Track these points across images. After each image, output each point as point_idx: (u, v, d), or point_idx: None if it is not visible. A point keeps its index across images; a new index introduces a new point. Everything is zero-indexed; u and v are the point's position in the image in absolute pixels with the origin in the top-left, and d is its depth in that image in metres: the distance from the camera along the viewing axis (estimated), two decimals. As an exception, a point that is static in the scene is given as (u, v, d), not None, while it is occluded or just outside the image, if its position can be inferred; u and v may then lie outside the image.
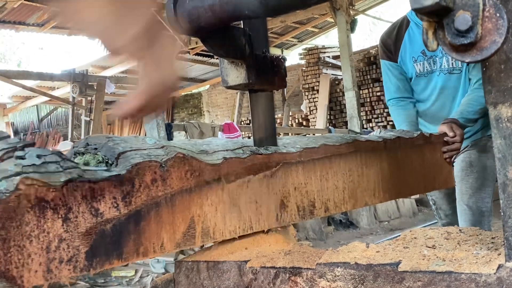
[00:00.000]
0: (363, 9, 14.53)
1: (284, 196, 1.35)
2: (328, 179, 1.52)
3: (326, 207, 1.51)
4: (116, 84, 11.61)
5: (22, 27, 10.41)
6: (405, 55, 2.59)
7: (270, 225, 1.30)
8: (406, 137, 1.93)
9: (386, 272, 0.98)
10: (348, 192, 1.60)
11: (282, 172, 1.35)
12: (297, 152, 1.40)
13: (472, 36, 0.76)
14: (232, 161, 1.19)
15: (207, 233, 1.13)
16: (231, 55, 1.29)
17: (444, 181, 2.18)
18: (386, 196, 1.78)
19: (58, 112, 17.67)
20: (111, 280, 5.11)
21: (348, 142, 1.60)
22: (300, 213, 1.40)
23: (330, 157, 1.52)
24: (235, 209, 1.21)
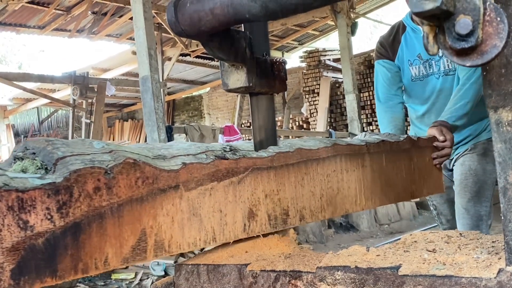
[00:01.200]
0: (364, 12, 14.55)
1: (253, 205, 1.26)
2: (303, 185, 1.42)
3: (301, 215, 1.41)
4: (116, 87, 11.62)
5: (23, 29, 10.44)
6: (402, 59, 2.58)
7: (236, 236, 1.23)
8: (391, 140, 1.85)
9: (386, 276, 0.98)
10: (326, 199, 1.51)
11: (252, 178, 1.26)
12: (269, 156, 1.32)
13: (472, 40, 0.76)
14: (192, 166, 1.11)
15: (161, 246, 1.04)
16: (232, 58, 1.29)
17: (433, 186, 2.11)
18: (368, 203, 1.70)
19: (59, 114, 17.68)
20: (111, 283, 5.11)
21: (327, 146, 1.53)
22: (271, 223, 1.31)
23: (306, 162, 1.43)
24: (196, 219, 1.12)
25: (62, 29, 10.93)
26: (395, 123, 2.54)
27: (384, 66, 2.62)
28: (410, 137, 1.96)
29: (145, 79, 6.03)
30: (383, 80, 2.62)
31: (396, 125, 2.52)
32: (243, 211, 1.24)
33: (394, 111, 2.58)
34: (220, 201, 1.18)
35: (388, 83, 2.61)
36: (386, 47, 2.63)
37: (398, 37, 2.60)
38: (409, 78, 2.57)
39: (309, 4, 1.01)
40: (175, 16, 1.15)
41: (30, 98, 14.03)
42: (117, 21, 10.99)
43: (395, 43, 2.59)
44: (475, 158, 2.52)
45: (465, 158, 2.54)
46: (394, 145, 1.85)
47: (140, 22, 6.02)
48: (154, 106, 5.99)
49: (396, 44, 2.59)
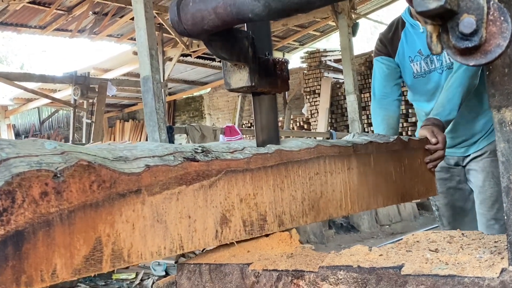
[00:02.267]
0: (365, 12, 14.55)
1: (226, 210, 1.20)
2: (283, 189, 1.36)
3: (280, 220, 1.35)
4: (117, 87, 11.63)
5: (24, 29, 10.45)
6: (402, 55, 2.50)
7: (207, 244, 1.16)
8: (380, 141, 1.78)
9: (389, 276, 0.98)
10: (308, 204, 1.44)
11: (225, 181, 1.19)
12: (245, 158, 1.25)
13: (476, 39, 0.76)
14: (157, 169, 1.03)
15: (120, 256, 0.95)
16: (234, 58, 1.29)
17: (425, 189, 2.04)
18: (355, 207, 1.63)
19: (60, 115, 17.70)
20: (111, 283, 5.11)
21: (310, 147, 1.46)
22: (246, 229, 1.25)
23: (286, 164, 1.36)
24: (160, 226, 1.04)
25: (63, 29, 10.94)
26: (388, 121, 2.49)
27: (382, 62, 2.56)
28: (400, 138, 1.90)
29: (146, 79, 6.03)
30: (380, 76, 2.56)
31: (389, 124, 2.47)
32: (215, 217, 1.17)
33: (388, 109, 2.52)
34: (189, 206, 1.11)
35: (385, 79, 2.54)
36: (385, 44, 2.56)
37: (397, 33, 2.53)
38: (411, 75, 2.50)
39: (312, 3, 1.01)
40: (178, 16, 1.15)
41: (31, 98, 14.04)
42: (118, 22, 11.00)
43: (395, 39, 2.53)
44: (494, 163, 2.41)
45: (485, 163, 2.44)
46: (383, 146, 1.79)
47: (141, 23, 6.03)
48: (155, 106, 5.99)
49: (396, 40, 2.53)
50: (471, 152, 2.48)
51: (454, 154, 2.49)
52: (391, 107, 2.53)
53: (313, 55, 13.39)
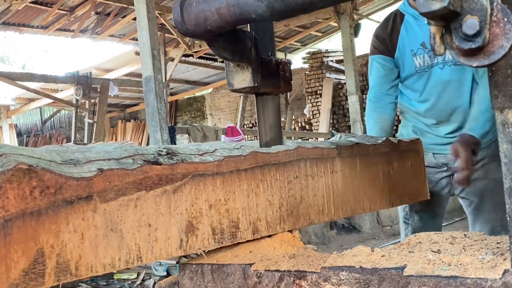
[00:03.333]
0: (367, 13, 14.56)
1: (193, 217, 1.12)
2: (258, 194, 1.28)
3: (255, 228, 1.27)
4: (119, 87, 11.64)
5: (26, 29, 10.46)
6: (403, 49, 2.37)
7: (170, 254, 1.07)
8: (367, 143, 1.71)
9: (391, 276, 0.98)
10: (286, 209, 1.36)
11: (192, 186, 1.12)
12: (215, 161, 1.18)
13: (479, 40, 0.76)
14: (111, 173, 0.95)
15: (66, 269, 0.87)
16: (237, 58, 1.30)
17: (416, 193, 1.96)
18: (338, 212, 1.55)
19: (62, 115, 17.72)
20: (113, 283, 5.11)
21: (289, 149, 1.39)
22: (216, 237, 1.18)
23: (262, 167, 1.29)
24: (115, 236, 0.95)
25: (65, 29, 10.96)
26: (381, 124, 2.40)
27: (379, 62, 2.44)
28: (389, 139, 1.82)
29: (148, 79, 6.04)
30: (376, 77, 2.45)
31: (383, 127, 2.39)
32: (180, 225, 1.09)
33: (383, 111, 2.43)
34: (149, 214, 1.03)
35: (381, 81, 2.44)
36: (383, 40, 2.43)
37: (396, 27, 2.39)
38: (412, 69, 2.37)
39: (315, 4, 1.01)
40: (181, 16, 1.15)
41: (33, 98, 14.06)
42: (120, 22, 11.01)
43: (394, 34, 2.39)
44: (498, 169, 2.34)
45: (488, 169, 2.38)
46: (371, 148, 1.71)
47: (143, 23, 6.03)
48: (157, 107, 6.00)
49: (395, 35, 2.39)
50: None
51: (446, 152, 2.36)
52: (386, 110, 2.44)
53: (315, 56, 13.39)
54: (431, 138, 2.40)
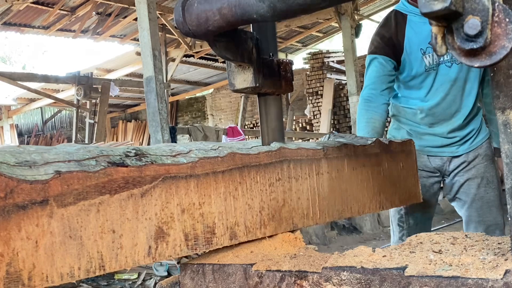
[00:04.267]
0: (368, 14, 14.55)
1: (163, 222, 1.06)
2: (237, 197, 1.23)
3: (232, 233, 1.22)
4: (120, 87, 11.65)
5: (27, 30, 10.47)
6: (411, 50, 2.34)
7: (137, 262, 1.01)
8: (356, 144, 1.65)
9: (392, 277, 0.98)
10: (267, 213, 1.31)
11: (163, 189, 1.06)
12: (189, 163, 1.12)
13: (481, 41, 0.77)
14: (70, 176, 0.89)
15: (18, 279, 0.81)
16: (238, 59, 1.30)
17: (408, 195, 1.89)
18: (324, 216, 1.49)
19: (63, 115, 17.73)
20: (114, 283, 5.11)
21: (271, 150, 1.33)
22: (189, 244, 1.11)
23: (241, 169, 1.24)
24: (74, 243, 0.89)
25: (66, 30, 10.96)
26: (374, 125, 2.35)
27: (379, 62, 2.40)
28: (379, 140, 1.76)
29: (149, 79, 6.04)
30: (373, 76, 2.41)
31: (375, 128, 2.34)
32: (148, 231, 1.03)
33: (376, 111, 2.38)
34: (114, 219, 0.96)
35: (377, 80, 2.40)
36: (387, 41, 2.39)
37: (400, 27, 2.37)
38: (422, 68, 2.34)
39: (316, 4, 1.01)
40: (183, 16, 1.16)
41: (34, 98, 14.07)
42: (122, 22, 11.01)
43: (399, 34, 2.36)
44: (489, 168, 2.41)
45: (479, 169, 2.40)
46: (360, 149, 1.65)
47: (144, 23, 6.04)
48: (158, 107, 6.01)
49: (400, 36, 2.36)
50: (460, 153, 2.41)
51: (442, 154, 2.42)
52: (379, 110, 2.39)
53: (316, 56, 13.39)
54: (428, 141, 2.40)
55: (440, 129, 2.38)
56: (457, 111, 2.34)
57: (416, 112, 2.42)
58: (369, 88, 2.42)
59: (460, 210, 2.51)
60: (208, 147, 1.21)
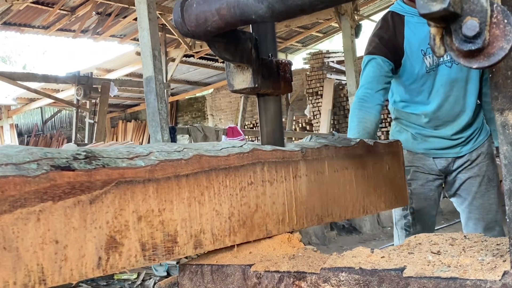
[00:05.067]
0: (368, 14, 14.56)
1: (116, 231, 0.97)
2: (203, 202, 1.15)
3: (197, 241, 1.14)
4: (120, 87, 11.65)
5: (27, 29, 10.47)
6: (411, 51, 2.31)
7: (85, 275, 0.93)
8: (338, 145, 1.57)
9: (390, 278, 0.98)
10: (238, 219, 1.23)
11: (116, 195, 0.97)
12: (147, 166, 1.04)
13: (479, 42, 0.76)
14: (5, 181, 0.81)
15: None
16: (237, 59, 1.29)
17: (395, 199, 1.82)
18: (302, 221, 1.41)
19: (62, 115, 17.73)
20: (113, 283, 5.12)
21: (242, 152, 1.25)
22: (146, 254, 1.03)
23: (208, 173, 1.16)
24: (8, 255, 0.82)
25: (66, 30, 10.97)
26: (365, 125, 2.29)
27: (377, 63, 2.34)
28: (363, 141, 1.70)
29: (149, 79, 6.04)
30: (369, 76, 2.36)
31: (366, 128, 2.27)
32: (98, 241, 0.94)
33: (369, 112, 2.32)
34: (57, 228, 0.87)
35: (374, 80, 2.35)
36: (387, 42, 2.35)
37: (399, 29, 2.33)
38: (423, 70, 2.31)
39: (315, 5, 1.01)
40: (182, 17, 1.15)
41: (34, 98, 14.08)
42: (121, 22, 11.02)
43: (398, 36, 2.33)
44: (491, 167, 2.43)
45: (482, 167, 2.41)
46: (342, 150, 1.57)
47: (144, 23, 6.04)
48: (157, 107, 6.01)
49: (400, 38, 2.33)
50: (464, 153, 2.42)
51: (447, 155, 2.43)
52: (372, 111, 2.32)
53: (316, 57, 13.40)
54: (434, 143, 2.40)
55: (446, 131, 2.38)
56: (461, 111, 2.34)
57: (420, 116, 2.40)
58: (365, 87, 2.36)
59: (459, 206, 2.52)
60: (172, 149, 1.13)
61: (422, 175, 2.42)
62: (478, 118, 2.42)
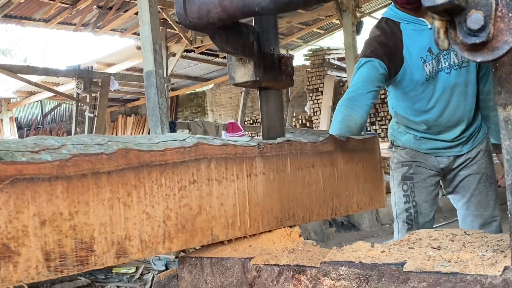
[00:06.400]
0: (370, 11, 14.52)
1: (11, 238, 0.83)
2: (130, 204, 1.00)
3: (121, 249, 0.98)
4: (120, 82, 11.63)
5: (28, 22, 10.44)
6: (411, 59, 2.26)
7: None
8: (304, 141, 1.44)
9: (391, 272, 0.98)
10: (175, 223, 1.09)
11: (11, 195, 0.83)
12: (56, 161, 0.90)
13: (484, 35, 0.76)
14: None
15: None
16: (239, 52, 1.29)
17: (369, 200, 1.69)
18: (257, 225, 1.29)
19: (62, 108, 17.71)
20: (111, 277, 5.12)
21: (184, 146, 1.12)
22: (51, 265, 0.89)
23: (138, 170, 1.02)
24: None
25: (67, 23, 10.93)
26: (349, 123, 2.14)
27: (373, 65, 2.25)
28: (333, 136, 1.57)
29: (149, 74, 6.03)
30: (363, 76, 2.27)
31: (349, 126, 2.13)
32: None
33: (355, 110, 2.19)
34: None
35: (367, 81, 2.25)
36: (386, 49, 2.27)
37: (397, 36, 2.28)
38: (423, 77, 2.26)
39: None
40: (184, 8, 1.15)
41: (33, 91, 14.06)
42: (122, 16, 10.99)
43: (398, 44, 2.27)
44: (489, 164, 2.45)
45: (481, 165, 2.43)
46: (308, 146, 1.43)
47: (145, 17, 6.02)
48: (158, 101, 5.99)
49: (399, 44, 2.27)
50: (464, 151, 2.43)
51: (448, 154, 2.44)
52: (359, 110, 2.20)
53: (316, 53, 13.38)
54: (436, 143, 2.42)
55: (448, 136, 2.40)
56: (462, 115, 2.34)
57: (420, 124, 2.38)
58: (356, 87, 2.27)
59: (457, 203, 2.55)
60: (94, 141, 1.00)
61: (424, 170, 2.44)
62: (477, 117, 2.43)
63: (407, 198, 2.46)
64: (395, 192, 2.47)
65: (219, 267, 1.20)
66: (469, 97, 2.34)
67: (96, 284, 4.76)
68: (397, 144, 2.50)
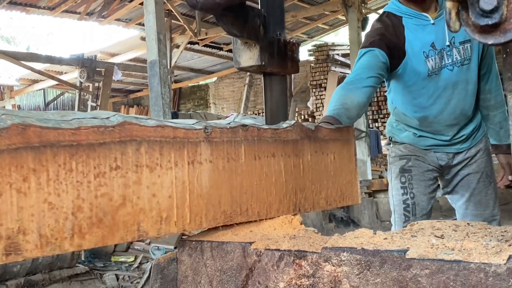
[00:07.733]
0: (376, 8, 14.47)
1: None
2: (26, 191, 0.84)
3: (11, 245, 0.83)
4: (123, 72, 11.62)
5: (32, 10, 10.41)
6: (413, 54, 2.22)
7: None
8: (264, 127, 1.27)
9: (393, 259, 0.97)
10: (89, 216, 0.93)
11: None
12: None
13: (496, 16, 0.75)
14: None
15: None
16: (245, 35, 1.28)
17: (340, 195, 1.53)
18: (200, 220, 1.13)
19: (65, 97, 17.71)
20: (110, 265, 5.12)
21: (106, 125, 0.95)
22: None
23: (39, 150, 0.86)
24: None
25: (72, 11, 10.90)
26: (345, 101, 1.99)
27: (374, 54, 2.19)
28: (300, 124, 1.39)
29: (153, 63, 6.01)
30: (364, 63, 2.20)
31: (344, 104, 1.97)
32: None
33: (353, 91, 2.07)
34: None
35: (367, 67, 2.17)
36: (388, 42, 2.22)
37: (399, 30, 2.25)
38: (425, 73, 2.23)
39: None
40: (191, -12, 1.13)
41: (37, 79, 14.06)
42: (127, 6, 10.96)
43: (401, 37, 2.24)
44: (489, 162, 2.45)
45: (480, 164, 2.43)
46: (268, 133, 1.27)
47: (150, 6, 6.00)
48: (161, 91, 5.98)
49: (402, 38, 2.23)
50: (463, 148, 2.43)
51: (448, 151, 2.44)
52: (357, 91, 2.07)
53: (321, 49, 13.35)
54: (435, 140, 2.41)
55: (447, 134, 2.39)
56: (462, 114, 2.34)
57: (419, 120, 2.37)
58: (355, 73, 2.18)
59: (455, 203, 2.53)
60: None
61: (422, 164, 2.43)
62: (476, 116, 2.43)
63: (404, 190, 2.44)
64: (393, 184, 2.46)
65: (219, 251, 1.19)
66: (469, 95, 2.33)
67: (94, 272, 4.77)
68: (395, 140, 2.50)
